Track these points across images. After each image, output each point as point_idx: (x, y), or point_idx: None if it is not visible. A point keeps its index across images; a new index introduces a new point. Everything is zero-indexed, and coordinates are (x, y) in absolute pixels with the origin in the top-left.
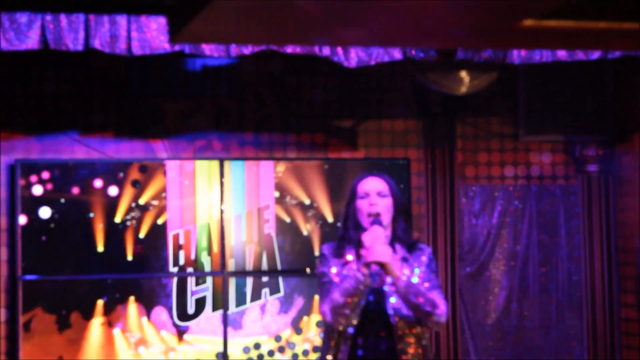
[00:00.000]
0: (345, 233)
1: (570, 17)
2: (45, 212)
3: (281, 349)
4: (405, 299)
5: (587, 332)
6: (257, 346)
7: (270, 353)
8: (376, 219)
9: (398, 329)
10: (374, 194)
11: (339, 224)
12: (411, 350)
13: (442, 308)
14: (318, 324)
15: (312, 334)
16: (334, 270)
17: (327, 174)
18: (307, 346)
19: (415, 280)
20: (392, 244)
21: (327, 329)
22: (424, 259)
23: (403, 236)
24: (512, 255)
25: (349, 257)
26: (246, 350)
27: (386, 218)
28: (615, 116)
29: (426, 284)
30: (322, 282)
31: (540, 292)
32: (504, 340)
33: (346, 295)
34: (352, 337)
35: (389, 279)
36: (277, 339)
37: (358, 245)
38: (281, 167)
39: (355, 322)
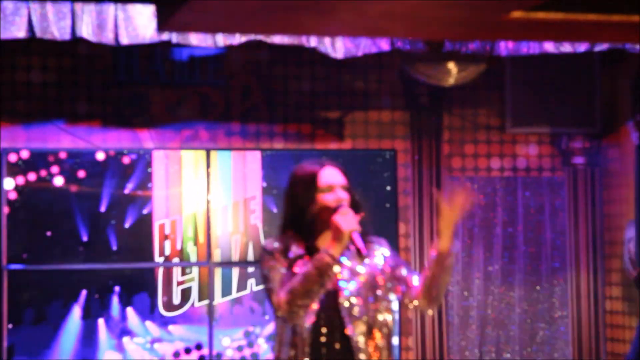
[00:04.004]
0: (296, 229)
1: (557, 9)
2: (30, 201)
3: (250, 344)
4: (376, 279)
5: (572, 324)
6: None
7: (240, 348)
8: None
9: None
10: (339, 187)
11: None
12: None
13: (416, 285)
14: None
15: None
16: (284, 263)
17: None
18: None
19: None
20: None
21: (282, 334)
22: (386, 247)
23: (362, 230)
24: (498, 247)
25: (297, 252)
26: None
27: None
28: (602, 109)
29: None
30: (271, 275)
31: (525, 284)
32: (488, 332)
33: (307, 281)
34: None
35: (345, 273)
36: (247, 334)
37: (310, 242)
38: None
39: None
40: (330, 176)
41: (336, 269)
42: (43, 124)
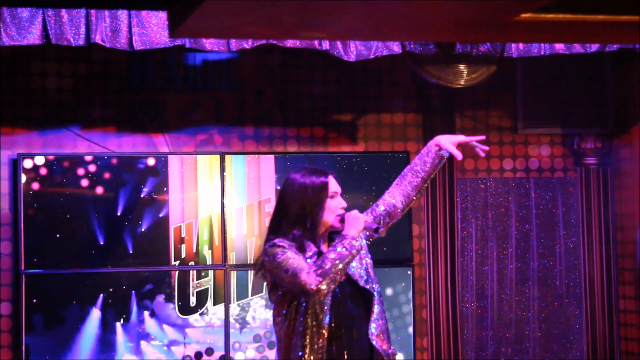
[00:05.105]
0: (302, 229)
1: (566, 10)
2: (47, 206)
3: (260, 349)
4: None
5: (586, 323)
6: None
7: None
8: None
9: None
10: (339, 194)
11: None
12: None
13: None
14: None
15: None
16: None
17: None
18: None
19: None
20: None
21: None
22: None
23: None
24: (511, 247)
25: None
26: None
27: None
28: (613, 109)
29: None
30: (290, 262)
31: (539, 284)
32: (503, 332)
33: (338, 259)
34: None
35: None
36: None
37: (316, 241)
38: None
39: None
40: (335, 184)
41: (360, 246)
42: (58, 130)
